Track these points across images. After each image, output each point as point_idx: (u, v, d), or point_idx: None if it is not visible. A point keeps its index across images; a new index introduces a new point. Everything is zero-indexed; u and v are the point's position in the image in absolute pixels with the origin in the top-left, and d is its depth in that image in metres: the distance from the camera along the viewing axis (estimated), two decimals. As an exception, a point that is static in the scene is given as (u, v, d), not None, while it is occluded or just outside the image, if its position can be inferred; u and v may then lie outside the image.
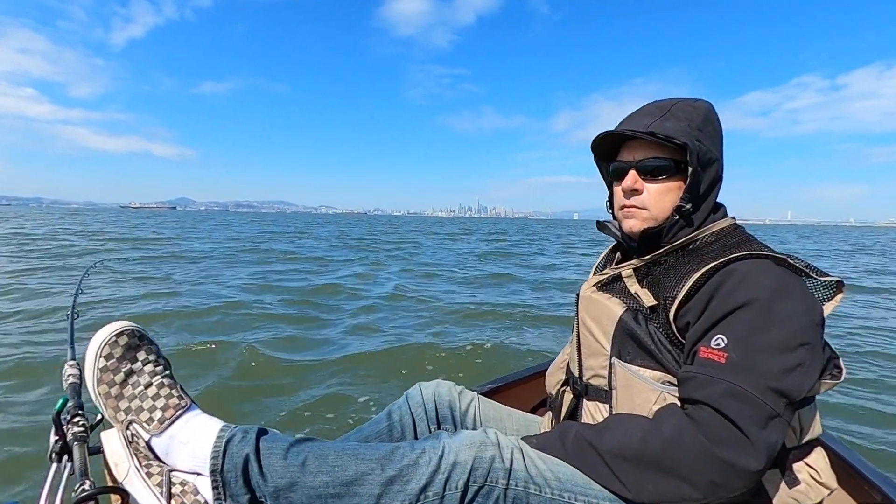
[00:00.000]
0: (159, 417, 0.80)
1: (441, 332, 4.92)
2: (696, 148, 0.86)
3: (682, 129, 0.89)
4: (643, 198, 0.94)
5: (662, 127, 0.89)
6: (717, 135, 0.93)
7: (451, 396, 1.10)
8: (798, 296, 0.77)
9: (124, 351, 0.82)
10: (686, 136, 0.87)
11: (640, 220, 0.94)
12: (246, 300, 6.25)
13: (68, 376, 0.86)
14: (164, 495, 0.74)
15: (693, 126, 0.90)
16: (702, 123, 0.91)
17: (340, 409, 3.01)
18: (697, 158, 0.87)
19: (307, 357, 4.09)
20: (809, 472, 0.85)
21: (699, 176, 0.89)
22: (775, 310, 0.75)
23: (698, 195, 0.90)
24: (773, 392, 0.72)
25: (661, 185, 0.92)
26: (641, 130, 0.90)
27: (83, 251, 12.52)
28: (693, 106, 0.93)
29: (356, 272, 9.89)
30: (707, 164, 0.89)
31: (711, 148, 0.90)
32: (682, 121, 0.90)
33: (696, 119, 0.91)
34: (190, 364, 3.69)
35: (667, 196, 0.92)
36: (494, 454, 0.80)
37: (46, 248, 12.84)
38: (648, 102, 0.98)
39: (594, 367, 0.95)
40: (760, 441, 0.71)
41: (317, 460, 0.77)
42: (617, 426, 0.83)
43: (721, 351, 0.76)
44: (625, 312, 0.89)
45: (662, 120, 0.90)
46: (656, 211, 0.93)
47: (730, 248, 0.85)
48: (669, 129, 0.88)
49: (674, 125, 0.89)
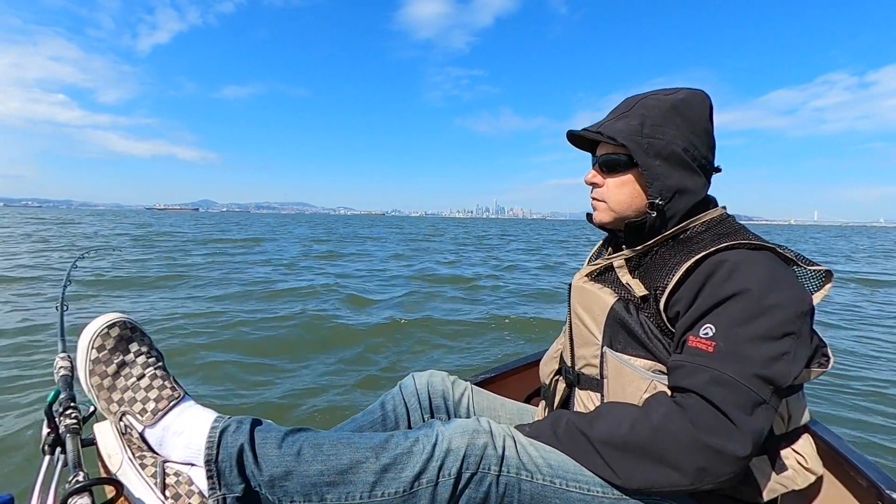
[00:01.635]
0: (152, 409, 0.80)
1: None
2: (643, 144, 0.90)
3: (631, 128, 0.92)
4: (601, 191, 1.00)
5: (611, 127, 0.94)
6: (689, 125, 0.91)
7: (445, 386, 1.11)
8: (788, 286, 0.78)
9: (116, 342, 0.81)
10: (632, 135, 0.91)
11: (601, 212, 1.01)
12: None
13: (60, 368, 0.85)
14: (158, 486, 0.74)
15: (648, 123, 0.91)
16: (662, 117, 0.91)
17: (334, 399, 3.02)
18: (646, 153, 0.90)
19: (303, 350, 4.09)
20: (797, 459, 0.86)
21: (655, 169, 0.90)
22: (765, 300, 0.76)
23: (668, 186, 0.90)
24: (758, 379, 0.73)
25: (616, 178, 0.97)
26: (591, 130, 0.96)
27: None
28: (659, 99, 0.93)
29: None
30: (668, 155, 0.90)
31: (675, 139, 0.90)
32: (636, 118, 0.92)
33: (654, 115, 0.91)
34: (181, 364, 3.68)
35: (622, 189, 0.96)
36: (487, 441, 0.81)
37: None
38: (629, 97, 0.99)
39: (586, 356, 0.96)
40: (747, 427, 0.72)
41: (311, 449, 0.78)
42: (607, 414, 0.84)
43: (709, 340, 0.76)
44: (616, 302, 0.90)
45: (616, 120, 0.95)
46: (612, 203, 0.97)
47: (720, 238, 0.86)
48: (616, 129, 0.93)
49: (624, 125, 0.93)
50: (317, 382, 3.28)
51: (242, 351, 3.89)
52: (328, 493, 0.75)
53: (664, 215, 0.92)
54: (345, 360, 3.78)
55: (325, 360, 3.76)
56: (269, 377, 3.37)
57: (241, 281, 7.57)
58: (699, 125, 0.92)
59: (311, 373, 3.48)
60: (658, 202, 0.90)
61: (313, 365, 3.65)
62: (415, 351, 4.12)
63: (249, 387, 3.18)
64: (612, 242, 1.09)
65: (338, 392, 3.12)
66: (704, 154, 0.92)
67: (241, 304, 5.82)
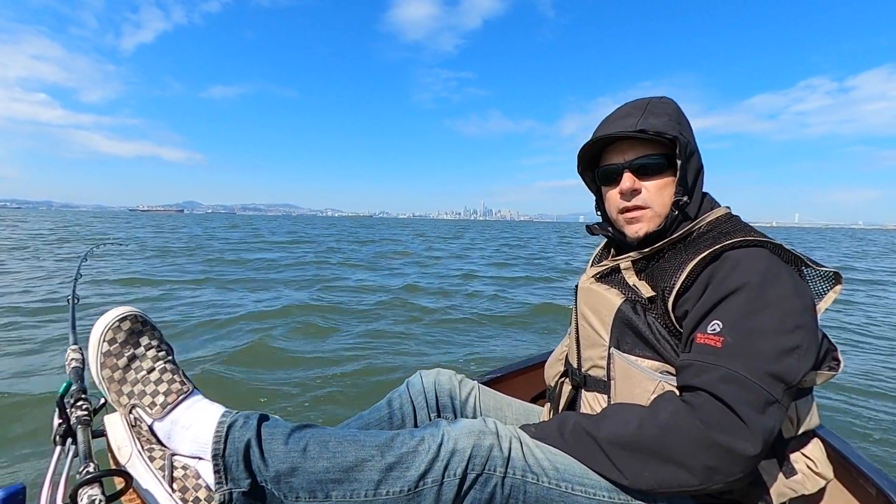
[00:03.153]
0: (161, 402, 0.80)
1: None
2: (683, 141, 0.88)
3: (666, 123, 0.90)
4: (644, 196, 0.94)
5: (648, 124, 0.90)
6: (690, 127, 0.96)
7: (452, 385, 1.11)
8: (788, 280, 0.78)
9: (127, 336, 0.82)
10: (672, 129, 0.89)
11: (646, 222, 0.95)
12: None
13: (71, 360, 0.86)
14: (166, 479, 0.75)
15: (674, 119, 0.92)
16: (679, 117, 0.94)
17: (340, 396, 3.03)
18: (685, 152, 0.89)
19: (308, 346, 4.11)
20: (806, 463, 0.85)
21: (686, 167, 0.90)
22: (767, 293, 0.75)
23: (688, 187, 0.92)
24: (770, 377, 0.72)
25: (658, 181, 0.93)
26: (632, 130, 0.91)
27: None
28: (665, 102, 0.95)
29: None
30: (690, 154, 0.91)
31: (690, 139, 0.93)
32: (663, 116, 0.91)
33: (673, 113, 0.93)
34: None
35: (665, 191, 0.93)
36: (493, 443, 0.80)
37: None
38: (620, 105, 0.99)
39: (593, 357, 0.95)
40: (758, 426, 0.71)
41: (317, 446, 0.78)
42: (614, 415, 0.84)
43: (717, 336, 0.76)
44: (623, 303, 0.90)
45: (645, 117, 0.92)
46: (658, 207, 0.94)
47: (724, 237, 0.85)
48: (657, 125, 0.90)
49: (658, 121, 0.90)
50: (324, 377, 3.30)
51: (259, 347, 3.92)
52: (333, 490, 0.76)
53: (687, 215, 0.93)
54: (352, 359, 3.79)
55: (333, 358, 3.78)
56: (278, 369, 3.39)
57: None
58: (692, 130, 0.97)
59: (320, 367, 3.50)
60: (684, 201, 0.91)
61: (322, 357, 3.67)
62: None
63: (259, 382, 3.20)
64: (614, 244, 1.08)
65: (344, 388, 3.14)
66: (700, 155, 0.97)
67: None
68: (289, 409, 2.82)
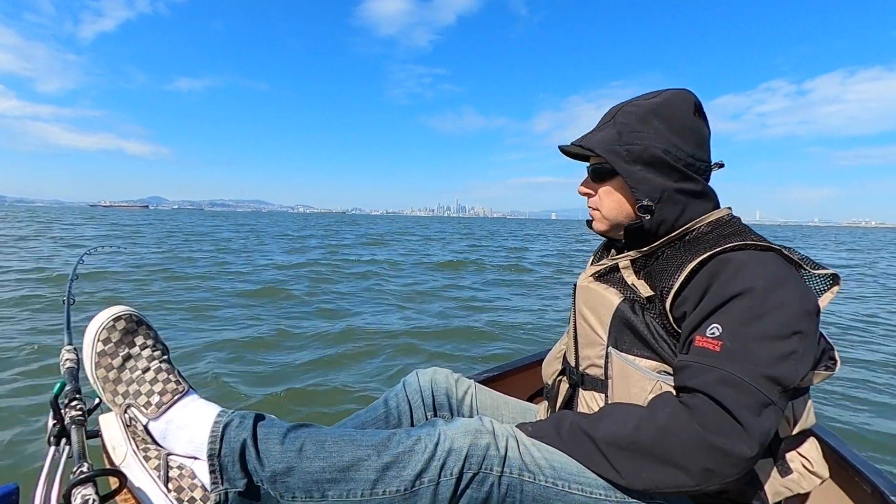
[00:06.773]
0: (157, 402, 0.80)
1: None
2: (621, 152, 0.92)
3: (609, 137, 0.94)
4: (595, 200, 1.02)
5: (591, 139, 0.97)
6: (669, 126, 0.91)
7: (448, 384, 1.10)
8: (793, 285, 0.78)
9: (122, 335, 0.82)
10: (609, 144, 0.93)
11: (597, 221, 1.04)
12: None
13: (66, 361, 0.86)
14: (161, 479, 0.74)
15: (626, 130, 0.93)
16: (639, 123, 0.92)
17: (337, 395, 3.03)
18: (624, 161, 0.91)
19: (303, 344, 4.10)
20: (802, 462, 0.86)
21: (637, 174, 0.91)
22: (770, 299, 0.75)
23: (654, 189, 0.90)
24: (766, 379, 0.73)
25: (604, 186, 0.99)
26: (574, 143, 1.00)
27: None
28: (637, 105, 0.94)
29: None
30: (648, 159, 0.90)
31: (654, 143, 0.90)
32: (615, 126, 0.94)
33: (631, 121, 0.93)
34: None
35: (611, 197, 0.98)
36: (489, 442, 0.80)
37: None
38: (613, 106, 1.01)
39: (591, 356, 0.95)
40: (754, 428, 0.71)
41: (314, 446, 0.78)
42: (612, 414, 0.84)
43: (716, 339, 0.76)
44: (622, 302, 0.90)
45: (597, 131, 0.98)
46: (605, 211, 1.00)
47: (725, 238, 0.85)
48: (595, 141, 0.95)
49: (603, 135, 0.95)
50: (324, 376, 3.29)
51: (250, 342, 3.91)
52: (330, 489, 0.75)
53: (659, 216, 0.91)
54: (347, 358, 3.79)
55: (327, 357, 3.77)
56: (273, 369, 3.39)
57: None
58: (682, 124, 0.92)
59: (314, 368, 3.50)
60: (646, 203, 0.91)
61: (320, 358, 3.67)
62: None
63: (254, 381, 3.20)
64: (613, 244, 1.09)
65: (341, 387, 3.13)
66: (692, 152, 0.91)
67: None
68: (285, 408, 2.82)
